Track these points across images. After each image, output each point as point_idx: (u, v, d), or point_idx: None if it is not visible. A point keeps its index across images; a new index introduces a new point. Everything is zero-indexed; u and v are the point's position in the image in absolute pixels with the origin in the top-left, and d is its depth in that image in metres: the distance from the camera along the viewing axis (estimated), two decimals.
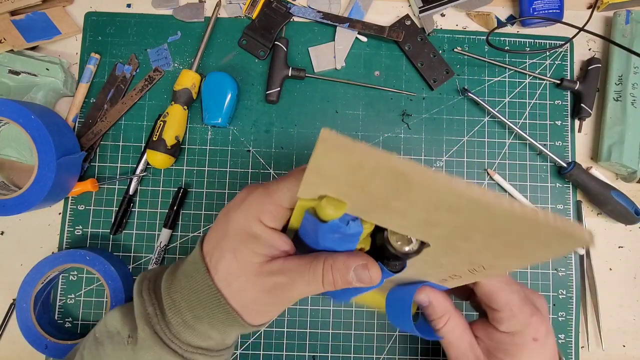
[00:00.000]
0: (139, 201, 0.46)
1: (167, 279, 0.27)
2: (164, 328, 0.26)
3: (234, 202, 0.26)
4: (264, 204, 0.24)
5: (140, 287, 0.28)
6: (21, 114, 0.39)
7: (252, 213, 0.25)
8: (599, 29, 0.51)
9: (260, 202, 0.25)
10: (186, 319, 0.26)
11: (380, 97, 0.49)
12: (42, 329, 0.41)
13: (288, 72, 0.47)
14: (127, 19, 0.48)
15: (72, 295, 0.45)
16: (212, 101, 0.45)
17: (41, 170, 0.40)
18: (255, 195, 0.25)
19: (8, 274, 0.45)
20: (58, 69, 0.45)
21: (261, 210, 0.24)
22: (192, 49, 0.48)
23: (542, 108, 0.49)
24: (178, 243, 0.46)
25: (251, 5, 0.48)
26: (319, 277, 0.24)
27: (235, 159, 0.47)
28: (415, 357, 0.46)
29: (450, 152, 0.48)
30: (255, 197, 0.25)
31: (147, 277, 0.29)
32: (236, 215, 0.25)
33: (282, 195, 0.24)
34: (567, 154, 0.49)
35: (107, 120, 0.46)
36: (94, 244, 0.46)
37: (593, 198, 0.47)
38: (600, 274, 0.48)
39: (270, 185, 0.25)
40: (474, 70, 0.49)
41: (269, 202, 0.24)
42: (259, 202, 0.25)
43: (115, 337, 0.28)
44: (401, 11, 0.50)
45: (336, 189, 0.20)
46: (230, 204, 0.26)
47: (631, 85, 0.47)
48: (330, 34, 0.49)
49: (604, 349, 0.47)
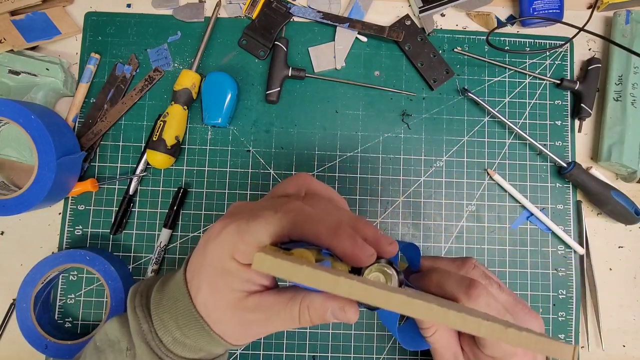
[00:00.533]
0: (139, 201, 0.46)
1: (156, 298, 0.28)
2: (159, 344, 0.27)
3: (212, 231, 0.26)
4: (236, 242, 0.24)
5: (133, 303, 0.28)
6: (21, 114, 0.39)
7: (226, 250, 0.24)
8: (599, 29, 0.51)
9: (232, 241, 0.24)
10: (175, 336, 0.27)
11: (380, 97, 0.49)
12: (42, 329, 0.41)
13: (288, 72, 0.47)
14: (127, 19, 0.48)
15: (72, 295, 0.45)
16: (212, 101, 0.45)
17: (41, 170, 0.40)
18: (229, 231, 0.24)
19: (8, 274, 0.45)
20: (58, 69, 0.45)
21: (234, 248, 0.24)
22: (192, 49, 0.48)
23: (542, 108, 0.49)
24: (178, 243, 0.46)
25: (251, 5, 0.48)
26: (296, 317, 0.24)
27: (235, 159, 0.47)
28: (415, 357, 0.46)
29: (450, 152, 0.48)
30: (228, 234, 0.24)
31: (138, 290, 0.29)
32: (212, 249, 0.25)
33: (251, 237, 0.23)
34: (567, 154, 0.49)
35: (107, 120, 0.46)
36: (94, 244, 0.46)
37: (593, 198, 0.47)
38: (600, 274, 0.48)
39: (242, 221, 0.24)
40: (474, 70, 0.49)
41: (240, 242, 0.23)
42: (231, 241, 0.24)
43: (115, 345, 0.29)
44: (401, 11, 0.50)
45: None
46: (209, 233, 0.26)
47: (631, 85, 0.47)
48: (330, 34, 0.49)
49: (604, 349, 0.47)
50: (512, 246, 0.47)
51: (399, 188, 0.48)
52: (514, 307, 0.30)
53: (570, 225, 0.48)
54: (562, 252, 0.48)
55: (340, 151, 0.48)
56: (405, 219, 0.47)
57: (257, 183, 0.47)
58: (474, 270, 0.32)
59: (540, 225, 0.48)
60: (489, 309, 0.28)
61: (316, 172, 0.47)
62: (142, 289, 0.30)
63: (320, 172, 0.48)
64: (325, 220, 0.23)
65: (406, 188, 0.48)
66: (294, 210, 0.24)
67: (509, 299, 0.31)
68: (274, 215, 0.24)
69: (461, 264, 0.33)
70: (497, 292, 0.31)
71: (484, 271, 0.32)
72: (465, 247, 0.47)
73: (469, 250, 0.47)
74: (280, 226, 0.23)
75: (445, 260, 0.34)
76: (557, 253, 0.48)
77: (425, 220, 0.48)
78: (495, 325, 0.17)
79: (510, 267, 0.47)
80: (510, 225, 0.48)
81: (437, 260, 0.35)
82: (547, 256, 0.47)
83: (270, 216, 0.24)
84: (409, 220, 0.47)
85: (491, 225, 0.48)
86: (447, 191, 0.48)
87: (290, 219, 0.23)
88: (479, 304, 0.27)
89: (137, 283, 0.30)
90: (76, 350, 0.41)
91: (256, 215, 0.24)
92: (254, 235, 0.23)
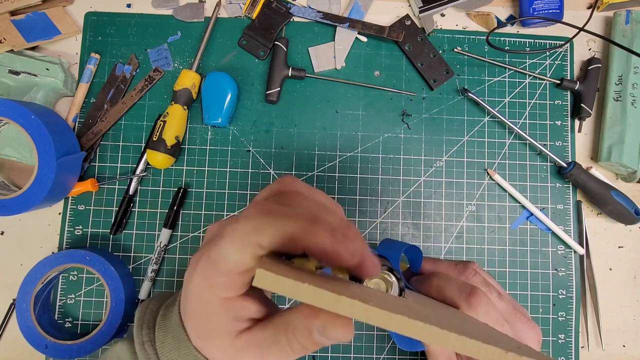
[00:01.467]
0: (139, 201, 0.46)
1: (160, 335, 0.26)
2: None
3: (189, 268, 0.23)
4: (212, 277, 0.21)
5: (140, 338, 0.27)
6: (21, 114, 0.39)
7: (204, 289, 0.21)
8: (599, 29, 0.51)
9: (208, 276, 0.21)
10: None
11: (380, 97, 0.49)
12: (42, 329, 0.41)
13: (288, 72, 0.47)
14: (127, 19, 0.48)
15: (72, 295, 0.45)
16: (212, 101, 0.45)
17: (41, 170, 0.40)
18: (202, 266, 0.21)
19: (8, 274, 0.45)
20: (58, 69, 0.45)
21: (212, 284, 0.21)
22: (192, 49, 0.48)
23: (542, 108, 0.49)
24: (178, 243, 0.46)
25: (251, 5, 0.48)
26: (286, 347, 0.22)
27: (235, 159, 0.47)
28: (415, 357, 0.46)
29: (450, 152, 0.48)
30: (202, 269, 0.21)
31: (144, 322, 0.28)
32: (192, 290, 0.22)
33: (225, 264, 0.20)
34: (567, 154, 0.49)
35: (107, 120, 0.46)
36: (94, 244, 0.46)
37: (593, 198, 0.47)
38: (600, 274, 0.48)
39: (212, 249, 0.21)
40: (474, 70, 0.49)
41: (217, 275, 0.20)
42: (207, 276, 0.21)
43: None
44: (401, 11, 0.50)
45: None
46: (188, 270, 0.23)
47: (631, 85, 0.47)
48: (330, 34, 0.49)
49: (604, 349, 0.47)
50: (512, 246, 0.47)
51: (399, 188, 0.48)
52: (513, 317, 0.30)
53: (570, 225, 0.48)
54: (562, 252, 0.48)
55: (340, 151, 0.48)
56: (405, 219, 0.48)
57: (257, 183, 0.47)
58: (474, 277, 0.32)
59: (540, 225, 0.48)
60: (487, 317, 0.28)
61: (316, 172, 0.47)
62: (148, 318, 0.28)
63: (320, 172, 0.48)
64: (299, 215, 0.19)
65: (406, 188, 0.48)
66: (263, 212, 0.20)
67: (508, 308, 0.31)
68: (242, 242, 0.19)
69: (462, 269, 0.33)
70: (497, 300, 0.31)
71: (484, 278, 0.32)
72: (465, 247, 0.47)
73: (469, 250, 0.47)
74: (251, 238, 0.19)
75: (447, 264, 0.34)
76: (557, 253, 0.48)
77: (425, 220, 0.48)
78: (494, 349, 0.17)
79: (510, 267, 0.47)
80: (510, 225, 0.48)
81: (438, 263, 0.35)
82: (547, 256, 0.47)
83: (238, 242, 0.19)
84: (409, 220, 0.48)
85: (491, 225, 0.48)
86: (447, 191, 0.48)
87: (257, 224, 0.19)
88: (479, 312, 0.28)
89: (141, 308, 0.29)
90: (76, 350, 0.41)
91: (221, 235, 0.20)
92: (226, 261, 0.20)
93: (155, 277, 0.45)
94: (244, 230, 0.19)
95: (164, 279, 0.46)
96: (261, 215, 0.20)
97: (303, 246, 0.19)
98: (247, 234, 0.19)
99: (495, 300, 0.31)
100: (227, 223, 0.22)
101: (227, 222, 0.22)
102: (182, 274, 0.46)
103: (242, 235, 0.19)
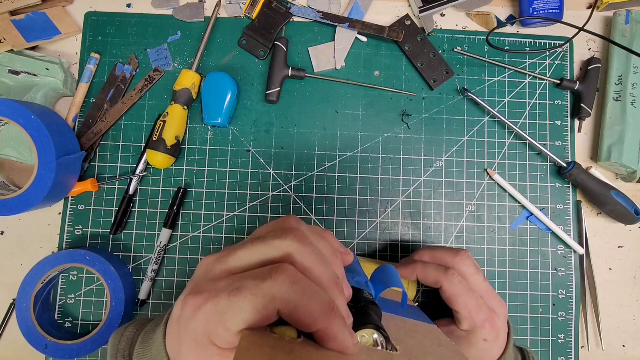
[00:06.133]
0: (139, 201, 0.46)
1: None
2: None
3: (185, 309, 0.21)
4: (214, 327, 0.20)
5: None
6: (21, 114, 0.39)
7: (203, 336, 0.20)
8: (599, 29, 0.51)
9: (210, 325, 0.20)
10: None
11: (380, 97, 0.49)
12: (42, 329, 0.41)
13: (288, 72, 0.47)
14: (127, 19, 0.48)
15: (72, 295, 0.45)
16: (212, 101, 0.45)
17: (41, 170, 0.40)
18: (205, 313, 0.20)
19: (8, 274, 0.45)
20: (58, 69, 0.45)
21: (212, 333, 0.20)
22: (192, 49, 0.48)
23: (542, 108, 0.49)
24: (178, 243, 0.46)
25: (251, 5, 0.48)
26: None
27: (235, 159, 0.47)
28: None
29: (450, 152, 0.48)
30: (205, 315, 0.20)
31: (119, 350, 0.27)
32: (186, 334, 0.21)
33: (233, 321, 0.19)
34: (567, 154, 0.49)
35: (107, 120, 0.46)
36: (94, 244, 0.46)
37: (593, 198, 0.47)
38: (600, 274, 0.48)
39: (222, 299, 0.20)
40: (474, 70, 0.49)
41: (221, 327, 0.19)
42: (208, 324, 0.20)
43: None
44: (401, 11, 0.50)
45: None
46: (183, 311, 0.21)
47: (631, 85, 0.47)
48: (330, 34, 0.49)
49: (604, 349, 0.47)
50: (512, 246, 0.47)
51: (399, 188, 0.48)
52: (490, 294, 0.36)
53: (570, 225, 0.48)
54: (562, 252, 0.48)
55: (340, 151, 0.48)
56: (405, 219, 0.47)
57: (257, 183, 0.47)
58: (467, 260, 0.37)
59: (540, 225, 0.48)
60: (461, 285, 0.35)
61: (316, 172, 0.47)
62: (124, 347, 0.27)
63: (320, 172, 0.48)
64: (320, 300, 0.19)
65: (406, 188, 0.48)
66: (289, 280, 0.19)
67: (488, 288, 0.36)
68: (251, 304, 0.19)
69: (457, 252, 0.38)
70: (482, 280, 0.36)
71: (474, 262, 0.37)
72: (465, 247, 0.47)
73: (469, 250, 0.47)
74: (268, 304, 0.19)
75: (443, 250, 0.38)
76: (557, 253, 0.48)
77: (425, 220, 0.48)
78: None
79: (510, 267, 0.47)
80: (510, 225, 0.48)
81: (435, 250, 0.39)
82: (547, 256, 0.47)
83: (248, 304, 0.19)
84: (409, 220, 0.48)
85: (491, 225, 0.48)
86: (447, 191, 0.48)
87: (284, 292, 0.19)
88: (454, 281, 0.35)
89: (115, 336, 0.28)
90: (76, 350, 0.41)
91: (238, 289, 0.19)
92: (235, 318, 0.19)
93: (155, 277, 0.45)
94: (269, 298, 0.19)
95: (164, 279, 0.46)
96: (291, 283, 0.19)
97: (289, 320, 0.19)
98: (271, 304, 0.19)
99: (481, 280, 0.36)
100: (245, 277, 0.21)
101: (245, 277, 0.21)
102: (182, 274, 0.46)
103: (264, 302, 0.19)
